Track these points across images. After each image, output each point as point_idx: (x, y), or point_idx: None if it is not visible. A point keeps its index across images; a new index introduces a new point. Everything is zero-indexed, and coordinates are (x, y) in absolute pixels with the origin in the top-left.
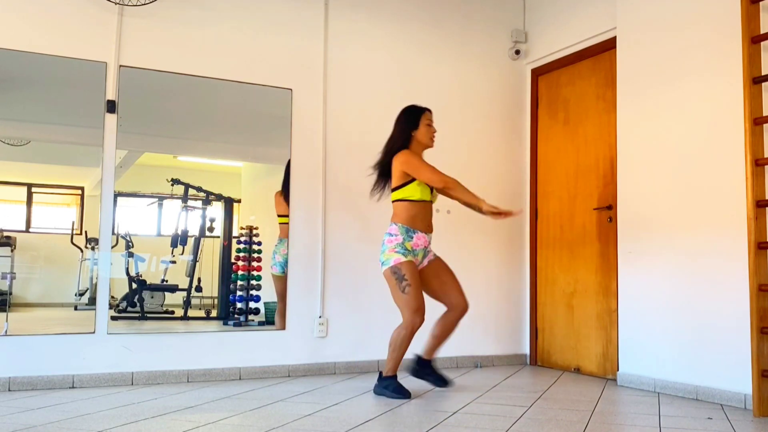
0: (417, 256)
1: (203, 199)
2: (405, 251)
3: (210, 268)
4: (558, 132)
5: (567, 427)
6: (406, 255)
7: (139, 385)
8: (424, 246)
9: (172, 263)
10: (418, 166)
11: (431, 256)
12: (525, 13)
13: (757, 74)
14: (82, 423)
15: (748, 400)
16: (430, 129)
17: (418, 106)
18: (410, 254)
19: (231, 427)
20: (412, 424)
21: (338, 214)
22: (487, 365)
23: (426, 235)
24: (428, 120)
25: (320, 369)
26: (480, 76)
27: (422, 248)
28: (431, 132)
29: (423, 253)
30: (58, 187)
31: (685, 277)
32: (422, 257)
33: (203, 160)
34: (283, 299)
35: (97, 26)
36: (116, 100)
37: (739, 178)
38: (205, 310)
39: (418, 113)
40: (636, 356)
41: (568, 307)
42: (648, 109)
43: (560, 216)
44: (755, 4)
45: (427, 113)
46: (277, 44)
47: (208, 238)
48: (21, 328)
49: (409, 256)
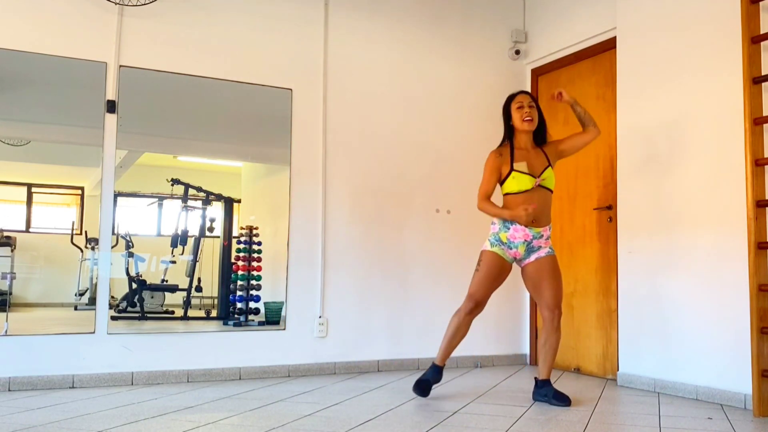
0: (515, 249)
1: (203, 199)
2: (497, 241)
3: (210, 268)
4: (558, 132)
5: (567, 427)
6: (494, 246)
7: (139, 385)
8: (524, 239)
9: (172, 263)
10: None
11: (542, 253)
12: (525, 13)
13: (757, 74)
14: (82, 423)
15: (748, 400)
16: (521, 111)
17: (510, 95)
18: (503, 246)
19: (231, 427)
20: (412, 424)
21: (338, 214)
22: (487, 365)
23: (527, 229)
24: (518, 103)
25: (320, 369)
26: (480, 76)
27: (522, 241)
28: (522, 114)
29: (525, 247)
30: (58, 187)
31: (685, 277)
32: (525, 251)
33: (203, 160)
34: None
35: (97, 26)
36: (116, 100)
37: (739, 178)
38: (205, 310)
39: (508, 102)
40: (636, 356)
41: (568, 307)
42: (648, 109)
43: (560, 216)
44: (755, 4)
45: (518, 97)
46: (277, 44)
47: (208, 238)
48: (21, 328)
49: (498, 247)
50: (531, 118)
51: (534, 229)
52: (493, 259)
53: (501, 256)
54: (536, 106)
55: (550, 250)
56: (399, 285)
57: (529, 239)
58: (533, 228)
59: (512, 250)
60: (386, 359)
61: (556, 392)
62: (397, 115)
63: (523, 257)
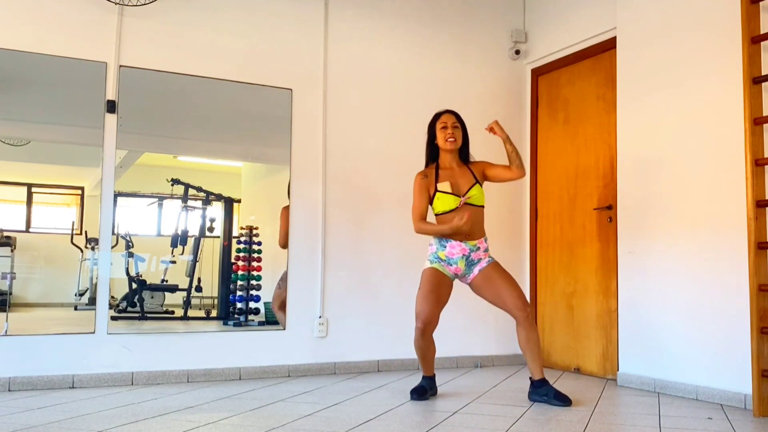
0: (455, 265)
1: (203, 199)
2: (436, 259)
3: (210, 268)
4: (558, 132)
5: (567, 427)
6: (433, 263)
7: (139, 385)
8: (462, 254)
9: (172, 263)
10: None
11: (483, 264)
12: (525, 13)
13: (757, 74)
14: (82, 423)
15: (748, 400)
16: (445, 132)
17: (436, 114)
18: (443, 262)
19: (231, 427)
20: (412, 424)
21: (338, 214)
22: (487, 365)
23: (462, 243)
24: (443, 123)
25: (320, 369)
26: (480, 76)
27: (461, 256)
28: (445, 134)
29: (465, 262)
30: (58, 187)
31: (685, 277)
32: (465, 266)
33: (203, 160)
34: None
35: (97, 26)
36: (116, 100)
37: (739, 178)
38: (205, 310)
39: (433, 122)
40: (636, 356)
41: (568, 307)
42: (648, 109)
43: (560, 216)
44: (755, 4)
45: (443, 117)
46: (277, 44)
47: (208, 238)
48: (21, 328)
49: (437, 263)
50: (454, 139)
51: (469, 242)
52: (432, 273)
53: (440, 270)
54: (461, 126)
55: (490, 259)
56: (399, 285)
57: (467, 253)
58: (468, 242)
59: (452, 266)
60: (386, 359)
61: (556, 392)
62: (397, 115)
63: (464, 273)
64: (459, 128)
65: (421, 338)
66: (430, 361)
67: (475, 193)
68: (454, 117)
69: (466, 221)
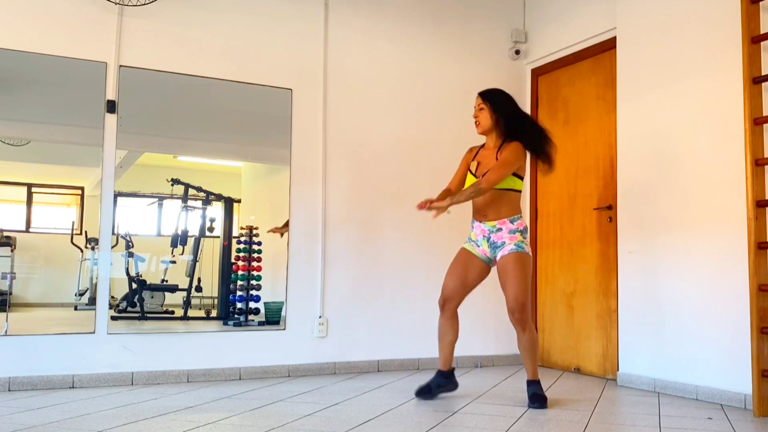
0: (481, 246)
1: (203, 199)
2: (468, 239)
3: (210, 268)
4: (558, 132)
5: (567, 427)
6: (466, 243)
7: (139, 385)
8: (482, 235)
9: (172, 263)
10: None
11: (506, 250)
12: (525, 13)
13: (757, 74)
14: (82, 423)
15: (748, 400)
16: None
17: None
18: (472, 242)
19: (231, 427)
20: (412, 424)
21: (338, 214)
22: (487, 365)
23: (481, 224)
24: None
25: (320, 369)
26: (480, 76)
27: (482, 237)
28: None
29: (488, 243)
30: (58, 187)
31: (685, 277)
32: (489, 247)
33: (203, 160)
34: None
35: (97, 26)
36: (116, 100)
37: (739, 178)
38: (205, 310)
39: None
40: (636, 356)
41: (568, 307)
42: (648, 109)
43: (560, 216)
44: (755, 4)
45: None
46: (277, 44)
47: (208, 238)
48: (21, 328)
49: (468, 243)
50: (478, 123)
51: (487, 223)
52: (461, 252)
53: (470, 251)
54: (489, 106)
55: (515, 247)
56: (399, 285)
57: (486, 234)
58: (485, 222)
59: (480, 247)
60: (386, 359)
61: (533, 394)
62: (397, 115)
63: (492, 255)
64: (484, 109)
65: (441, 316)
66: (445, 349)
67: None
68: (481, 98)
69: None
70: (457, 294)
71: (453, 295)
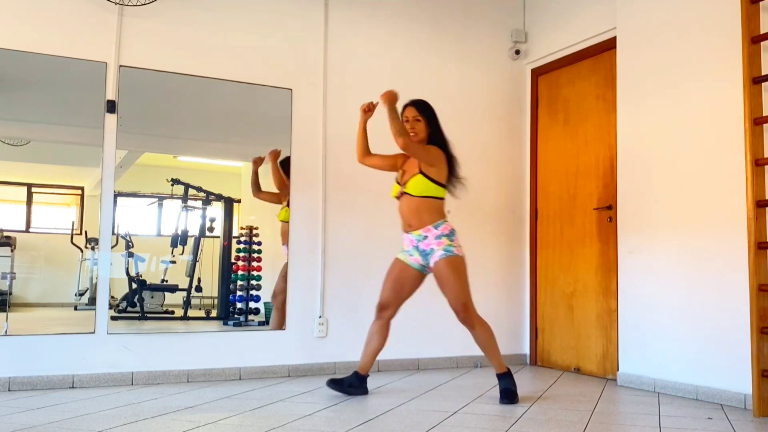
0: (413, 255)
1: (203, 199)
2: (401, 250)
3: (210, 268)
4: (558, 132)
5: (567, 427)
6: (399, 254)
7: (139, 385)
8: (412, 245)
9: (172, 263)
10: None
11: (436, 256)
12: (525, 13)
13: (757, 74)
14: (82, 423)
15: (748, 400)
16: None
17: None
18: (405, 252)
19: (231, 427)
20: (413, 424)
21: (338, 214)
22: (487, 365)
23: (409, 235)
24: (405, 117)
25: (320, 369)
26: (480, 76)
27: (412, 247)
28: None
29: (419, 252)
30: (58, 187)
31: (685, 277)
32: (420, 255)
33: (203, 160)
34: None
35: (97, 26)
36: (116, 100)
37: (739, 178)
38: (205, 310)
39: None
40: (636, 356)
41: (568, 307)
42: (648, 109)
43: (560, 216)
44: (755, 4)
45: (405, 111)
46: (277, 44)
47: (208, 238)
48: (21, 328)
49: (401, 253)
50: (415, 133)
51: (413, 233)
52: (394, 263)
53: (403, 260)
54: (424, 117)
55: (444, 252)
56: None
57: (415, 243)
58: (412, 232)
59: (412, 257)
60: (386, 359)
61: (504, 389)
62: None
63: (425, 263)
64: (421, 121)
65: (375, 322)
66: (368, 355)
67: (412, 183)
68: (416, 110)
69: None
70: (393, 302)
71: (389, 304)
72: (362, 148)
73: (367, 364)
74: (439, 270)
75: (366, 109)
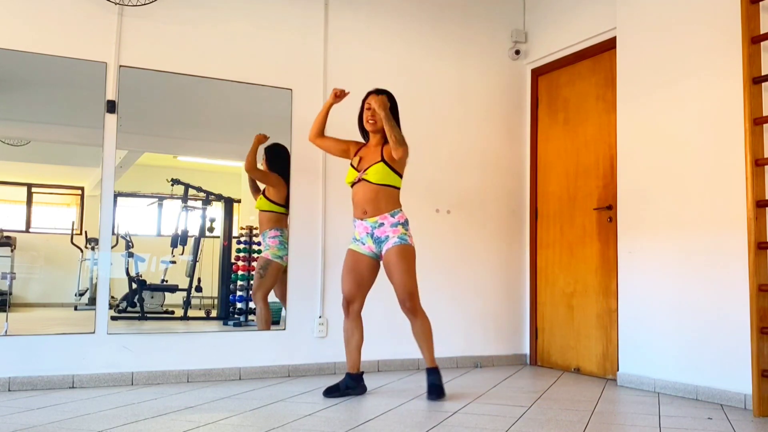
0: (366, 243)
1: (203, 199)
2: (353, 239)
3: (210, 268)
4: (558, 132)
5: (567, 427)
6: (351, 244)
7: (139, 385)
8: (366, 232)
9: (172, 263)
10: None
11: (390, 243)
12: (525, 13)
13: (757, 74)
14: (82, 423)
15: (748, 400)
16: (367, 113)
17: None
18: (357, 242)
19: (231, 427)
20: (412, 424)
21: (338, 214)
22: (487, 365)
23: (363, 222)
24: (367, 104)
25: (320, 369)
26: (480, 76)
27: (366, 234)
28: (366, 115)
29: (372, 239)
30: (58, 187)
31: (685, 277)
32: (374, 243)
33: (203, 160)
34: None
35: (97, 26)
36: (116, 100)
37: (739, 178)
38: (205, 310)
39: (362, 102)
40: (636, 356)
41: (568, 307)
42: (648, 109)
43: (560, 216)
44: (755, 4)
45: (369, 98)
46: (277, 44)
47: (208, 238)
48: (21, 328)
49: (353, 244)
50: (374, 121)
51: (368, 220)
52: (348, 255)
53: (356, 250)
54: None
55: (398, 240)
56: None
57: (369, 231)
58: (367, 219)
59: (364, 245)
60: (386, 359)
61: (431, 384)
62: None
63: (378, 250)
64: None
65: (345, 320)
66: (352, 353)
67: (372, 170)
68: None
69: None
70: (356, 296)
71: (353, 298)
72: (319, 127)
73: (356, 361)
74: (391, 257)
75: (338, 95)
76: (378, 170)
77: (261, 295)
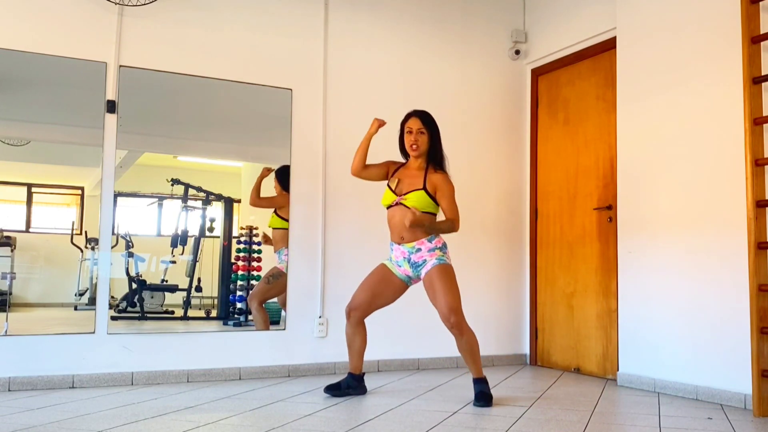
0: (402, 267)
1: (203, 199)
2: (389, 259)
3: (210, 268)
4: (558, 132)
5: (567, 427)
6: (386, 261)
7: (139, 385)
8: (403, 257)
9: (172, 263)
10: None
11: (429, 266)
12: (525, 13)
13: (757, 74)
14: (82, 423)
15: (748, 400)
16: (409, 137)
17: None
18: (393, 263)
19: (231, 427)
20: (413, 424)
21: (338, 214)
22: (487, 365)
23: (401, 246)
24: (408, 128)
25: (320, 369)
26: (480, 76)
27: (403, 259)
28: (408, 140)
29: (409, 264)
30: (58, 187)
31: (685, 277)
32: (411, 268)
33: (203, 160)
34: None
35: (97, 26)
36: (116, 100)
37: (739, 178)
38: (205, 310)
39: (402, 122)
40: (636, 356)
41: (568, 307)
42: (648, 109)
43: (560, 216)
44: (755, 4)
45: (410, 121)
46: (277, 44)
47: (208, 238)
48: (21, 328)
49: (389, 261)
50: (417, 146)
51: (406, 245)
52: (379, 268)
53: (389, 268)
54: (428, 131)
55: (436, 261)
56: None
57: (406, 255)
58: (405, 245)
59: (401, 267)
60: (386, 359)
61: (479, 392)
62: (397, 115)
63: (414, 274)
64: (425, 134)
65: (347, 324)
66: (354, 356)
67: (413, 196)
68: (420, 122)
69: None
70: (364, 306)
71: (359, 306)
72: (362, 159)
73: (358, 363)
74: (432, 277)
75: (380, 125)
76: (419, 198)
77: (259, 300)
